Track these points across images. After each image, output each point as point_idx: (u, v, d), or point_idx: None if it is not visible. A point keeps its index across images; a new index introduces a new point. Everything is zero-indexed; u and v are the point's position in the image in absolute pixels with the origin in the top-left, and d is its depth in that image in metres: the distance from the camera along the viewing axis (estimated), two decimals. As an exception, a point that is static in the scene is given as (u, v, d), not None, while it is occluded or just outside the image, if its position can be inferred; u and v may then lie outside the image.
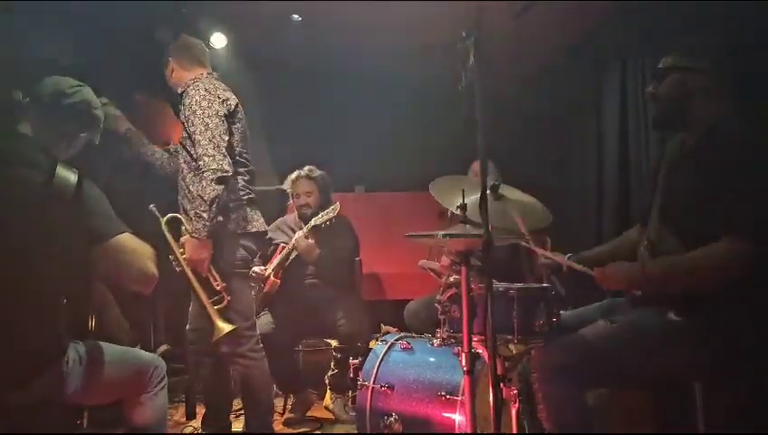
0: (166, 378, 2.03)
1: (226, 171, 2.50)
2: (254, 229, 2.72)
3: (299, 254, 3.46)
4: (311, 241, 3.41)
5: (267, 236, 3.72)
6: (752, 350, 1.75)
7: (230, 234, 2.63)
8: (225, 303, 2.58)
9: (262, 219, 2.81)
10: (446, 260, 3.23)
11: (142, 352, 2.07)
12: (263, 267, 3.58)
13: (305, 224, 3.47)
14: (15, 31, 2.88)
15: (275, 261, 3.53)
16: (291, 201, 3.73)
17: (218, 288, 2.58)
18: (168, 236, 2.54)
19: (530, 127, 4.57)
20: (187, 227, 2.56)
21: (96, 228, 1.74)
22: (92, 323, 2.07)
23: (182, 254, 2.54)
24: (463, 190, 1.96)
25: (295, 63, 4.38)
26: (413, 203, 4.44)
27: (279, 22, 3.88)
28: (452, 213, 2.16)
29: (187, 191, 2.64)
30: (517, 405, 2.05)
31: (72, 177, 1.71)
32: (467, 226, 1.92)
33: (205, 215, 2.46)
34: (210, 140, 2.50)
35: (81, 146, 1.97)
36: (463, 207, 1.95)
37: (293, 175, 3.64)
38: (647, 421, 2.10)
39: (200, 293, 2.55)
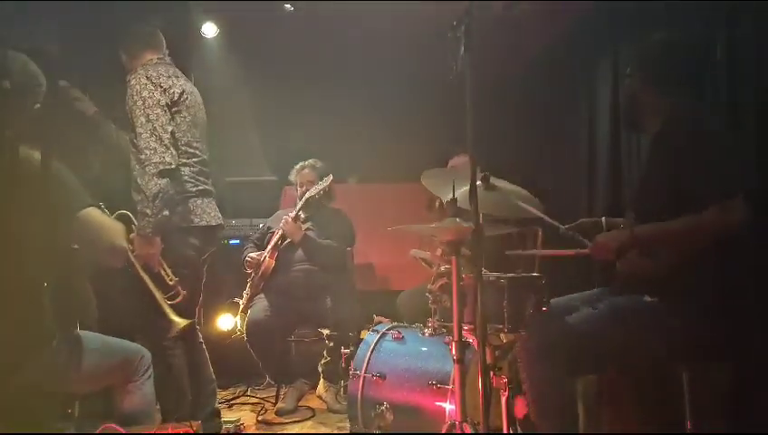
0: (152, 368, 2.04)
1: (169, 164, 2.44)
2: (202, 223, 2.62)
3: (285, 234, 3.54)
4: (297, 222, 3.53)
5: (266, 227, 3.78)
6: (731, 332, 1.78)
7: (174, 229, 2.54)
8: (180, 298, 2.53)
9: (215, 212, 2.71)
10: (438, 250, 3.24)
11: (128, 341, 2.07)
12: (258, 252, 3.64)
13: (303, 209, 3.58)
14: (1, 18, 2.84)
15: (270, 245, 3.61)
16: (288, 190, 3.98)
17: (171, 283, 2.53)
18: None
19: (521, 117, 4.57)
20: (136, 223, 2.48)
21: (62, 203, 1.72)
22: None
23: (131, 251, 2.43)
24: (453, 183, 1.97)
25: (287, 54, 4.36)
26: (405, 194, 4.45)
27: (271, 12, 3.86)
28: (440, 203, 2.17)
29: (135, 184, 2.56)
30: (507, 393, 2.07)
31: (36, 154, 1.68)
32: (457, 218, 1.93)
33: (148, 211, 2.40)
34: (152, 133, 2.44)
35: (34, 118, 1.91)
36: (453, 200, 1.96)
37: (299, 165, 3.78)
38: (634, 408, 2.13)
39: (153, 289, 2.48)
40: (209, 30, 4.08)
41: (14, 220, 1.66)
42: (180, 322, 2.50)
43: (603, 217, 2.25)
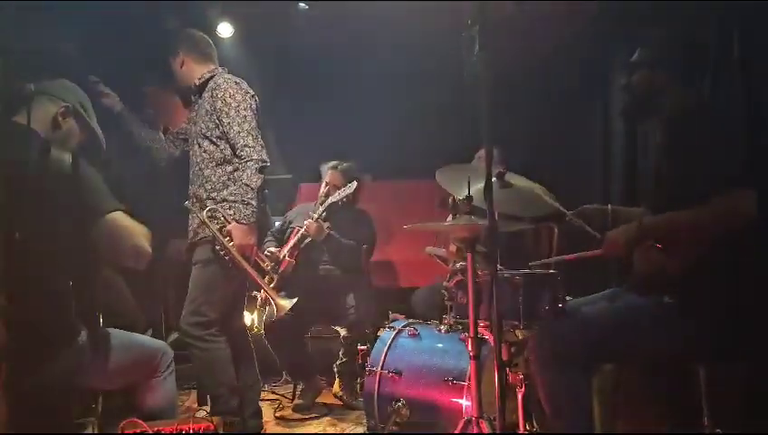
0: (173, 364, 2.07)
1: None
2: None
3: (309, 235, 3.49)
4: (320, 223, 3.46)
5: (288, 221, 3.80)
6: (748, 330, 1.77)
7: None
8: (274, 282, 2.70)
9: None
10: (452, 247, 3.25)
11: (150, 338, 2.12)
12: (277, 248, 3.62)
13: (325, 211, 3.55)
14: (20, 18, 2.89)
15: (291, 243, 3.58)
16: (304, 188, 4.33)
17: (267, 269, 2.69)
18: (213, 227, 2.55)
19: (536, 114, 4.55)
20: (226, 216, 2.57)
21: (90, 204, 1.76)
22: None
23: (229, 242, 2.55)
24: (468, 180, 1.97)
25: (301, 52, 4.38)
26: (420, 191, 4.44)
27: (285, 10, 3.89)
28: (453, 200, 2.17)
29: (204, 181, 2.65)
30: (523, 390, 2.08)
31: (67, 156, 1.73)
32: (472, 216, 1.93)
33: (253, 202, 2.54)
34: (249, 132, 2.59)
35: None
36: (468, 197, 1.96)
37: (332, 164, 3.75)
38: (650, 405, 2.12)
39: (256, 276, 2.61)
40: (225, 30, 4.11)
41: (42, 220, 1.69)
42: (287, 304, 2.63)
43: (609, 205, 2.23)
